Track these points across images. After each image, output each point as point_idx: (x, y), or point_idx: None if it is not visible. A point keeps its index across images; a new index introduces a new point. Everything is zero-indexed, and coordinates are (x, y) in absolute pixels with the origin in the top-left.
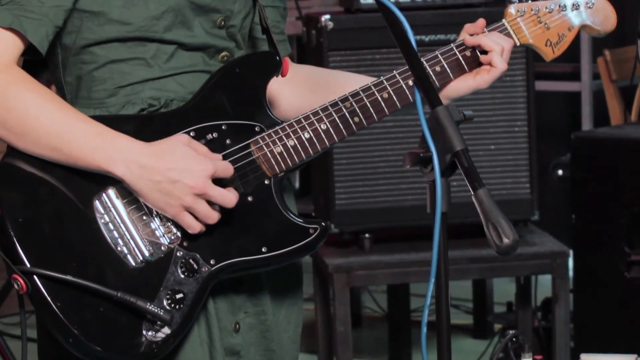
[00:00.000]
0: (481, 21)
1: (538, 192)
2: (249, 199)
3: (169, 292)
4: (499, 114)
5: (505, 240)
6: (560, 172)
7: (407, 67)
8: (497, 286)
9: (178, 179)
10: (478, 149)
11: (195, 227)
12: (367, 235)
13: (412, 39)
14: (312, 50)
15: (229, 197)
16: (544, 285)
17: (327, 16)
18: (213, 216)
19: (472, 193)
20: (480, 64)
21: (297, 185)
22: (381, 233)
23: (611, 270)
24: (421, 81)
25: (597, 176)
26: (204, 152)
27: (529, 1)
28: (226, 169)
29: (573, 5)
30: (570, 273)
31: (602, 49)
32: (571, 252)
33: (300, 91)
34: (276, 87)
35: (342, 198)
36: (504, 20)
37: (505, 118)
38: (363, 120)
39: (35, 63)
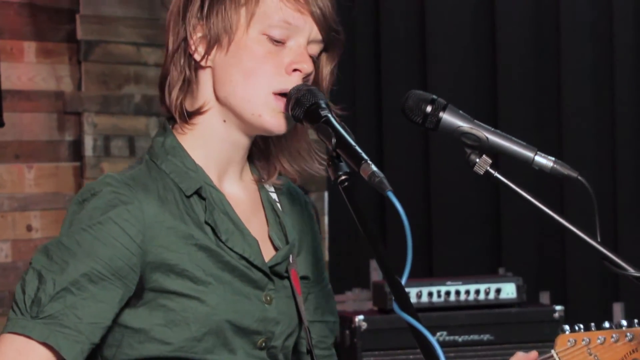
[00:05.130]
0: (533, 354)
1: None
2: None
3: None
4: None
5: None
6: None
7: None
8: None
9: None
10: None
11: None
12: None
13: None
14: (346, 350)
15: None
16: None
17: (361, 317)
18: None
19: None
20: None
21: None
22: None
23: None
24: None
25: None
26: None
27: (581, 331)
28: None
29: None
30: None
31: None
32: None
33: None
34: None
35: None
36: (552, 352)
37: None
38: None
39: None
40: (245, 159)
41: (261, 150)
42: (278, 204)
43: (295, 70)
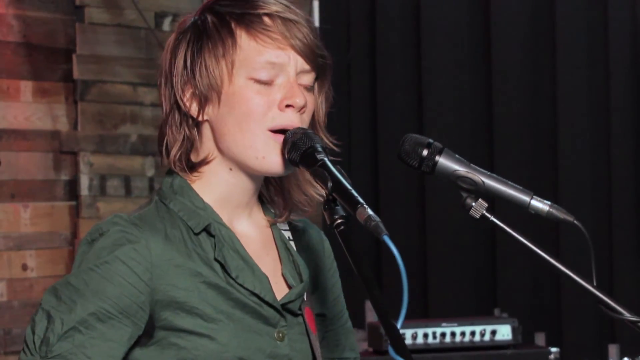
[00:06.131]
0: None
1: None
2: None
3: None
4: None
5: None
6: None
7: None
8: None
9: None
10: None
11: None
12: None
13: None
14: None
15: None
16: None
17: None
18: None
19: None
20: None
21: None
22: None
23: None
24: None
25: None
26: None
27: None
28: None
29: None
30: None
31: None
32: None
33: None
34: None
35: None
36: None
37: None
38: None
39: None
40: (256, 199)
41: (276, 187)
42: (292, 243)
43: (288, 106)
